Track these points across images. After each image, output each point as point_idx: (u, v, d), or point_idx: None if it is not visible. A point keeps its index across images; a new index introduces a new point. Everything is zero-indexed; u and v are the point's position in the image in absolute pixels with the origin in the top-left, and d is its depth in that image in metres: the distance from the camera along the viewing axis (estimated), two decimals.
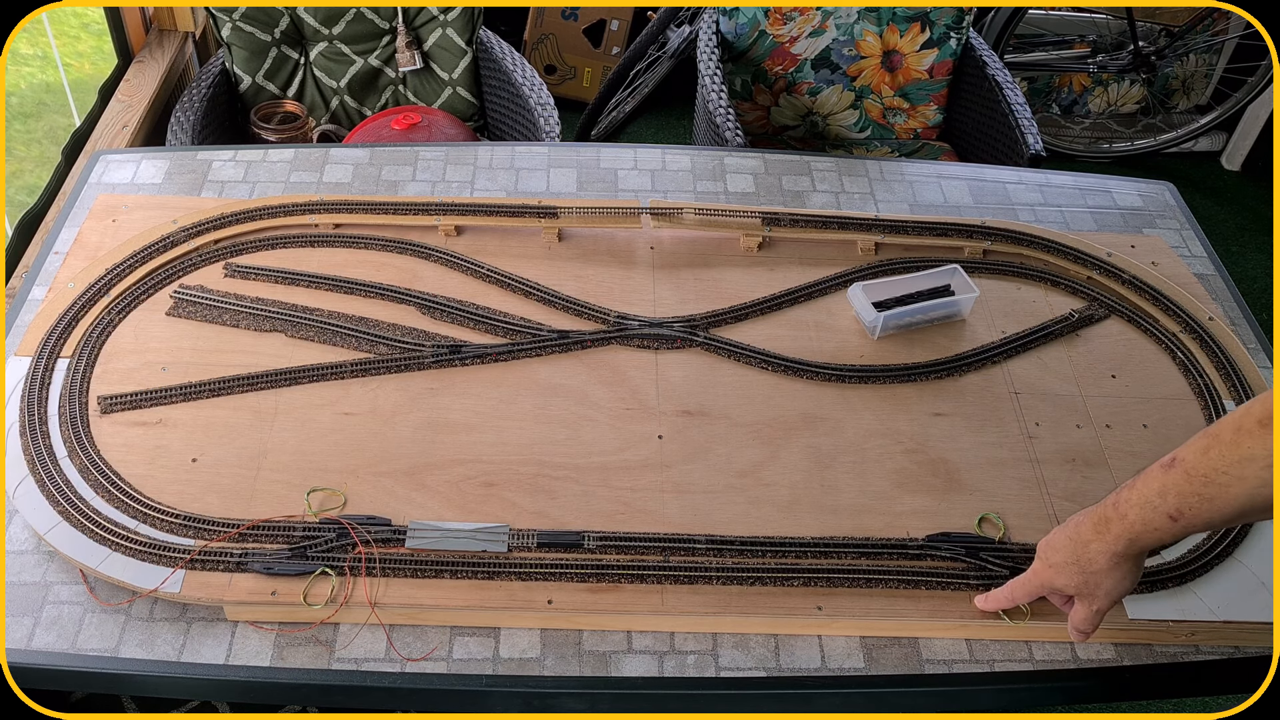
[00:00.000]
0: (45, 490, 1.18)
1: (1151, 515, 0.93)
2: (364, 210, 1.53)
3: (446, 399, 1.32)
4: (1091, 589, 1.01)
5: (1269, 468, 0.84)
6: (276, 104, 2.18)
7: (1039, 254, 1.56)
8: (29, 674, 1.07)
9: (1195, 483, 0.90)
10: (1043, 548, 1.05)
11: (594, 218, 1.54)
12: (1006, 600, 1.11)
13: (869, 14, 2.26)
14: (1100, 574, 1.00)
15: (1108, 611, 1.04)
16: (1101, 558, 0.99)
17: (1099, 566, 0.99)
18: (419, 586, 1.12)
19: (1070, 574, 1.02)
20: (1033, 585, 1.07)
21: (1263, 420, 0.85)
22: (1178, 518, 0.92)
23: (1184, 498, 0.91)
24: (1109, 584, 1.01)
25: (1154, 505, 0.93)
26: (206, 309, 1.41)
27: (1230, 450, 0.87)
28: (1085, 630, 1.06)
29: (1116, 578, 1.00)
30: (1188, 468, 0.90)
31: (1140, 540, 0.96)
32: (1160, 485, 0.92)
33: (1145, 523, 0.94)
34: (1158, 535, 0.94)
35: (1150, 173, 3.06)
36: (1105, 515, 0.98)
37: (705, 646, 1.12)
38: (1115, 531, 0.97)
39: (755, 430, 1.31)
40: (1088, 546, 0.99)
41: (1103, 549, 0.98)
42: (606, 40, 3.11)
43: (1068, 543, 1.01)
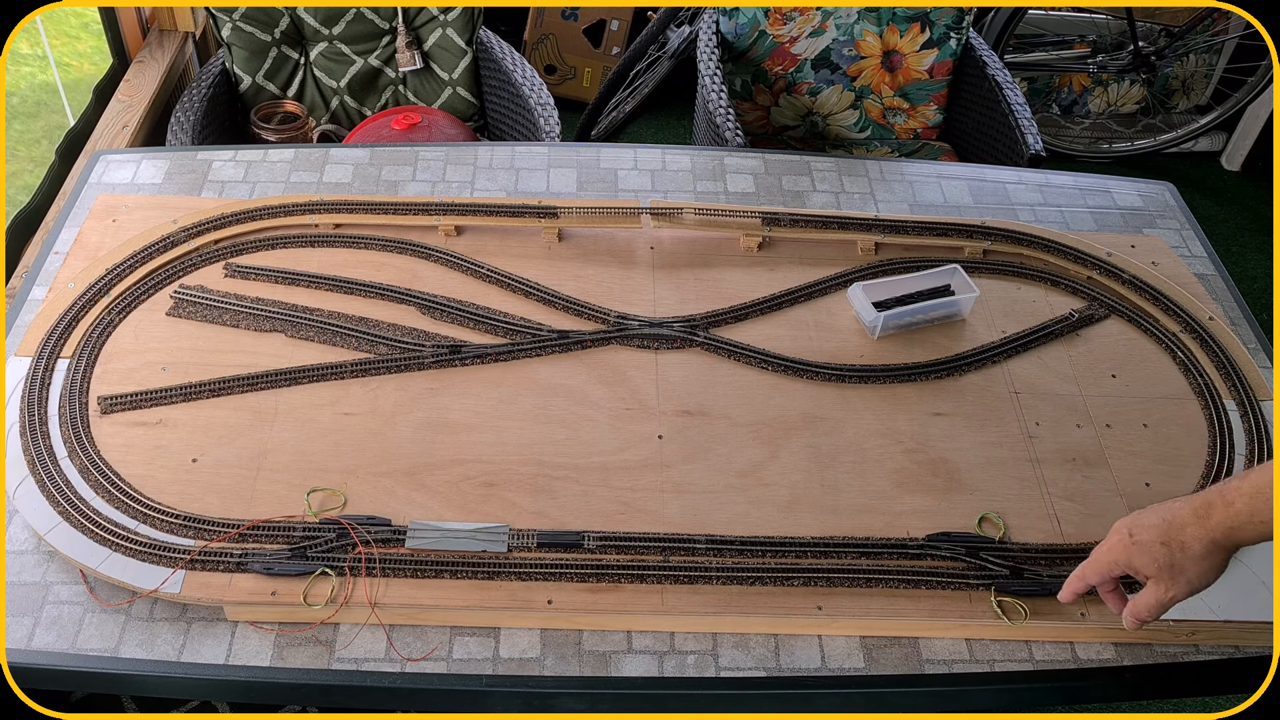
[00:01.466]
0: (45, 490, 1.18)
1: (1261, 506, 0.91)
2: (364, 210, 1.53)
3: (446, 399, 1.32)
4: (1175, 574, 0.97)
5: None
6: (276, 104, 2.18)
7: (1039, 254, 1.56)
8: (29, 674, 1.07)
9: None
10: (1127, 525, 1.00)
11: (594, 218, 1.54)
12: (1079, 582, 1.06)
13: (869, 14, 2.26)
14: (1190, 560, 0.96)
15: (1178, 603, 1.00)
16: (1197, 544, 0.95)
17: (1193, 552, 0.95)
18: (419, 586, 1.12)
19: (1156, 554, 0.97)
20: (1107, 561, 1.02)
21: None
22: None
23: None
24: (1194, 572, 0.97)
25: (1266, 496, 0.90)
26: (206, 309, 1.41)
27: None
28: (1146, 618, 1.01)
29: (1205, 567, 0.96)
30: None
31: (1241, 531, 0.93)
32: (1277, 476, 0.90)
33: (1253, 513, 0.91)
34: (1261, 529, 0.92)
35: (1150, 173, 3.06)
36: (1209, 501, 0.95)
37: (705, 646, 1.12)
38: (1217, 518, 0.94)
39: (755, 430, 1.31)
40: (1184, 530, 0.95)
41: (1200, 534, 0.95)
42: (606, 40, 3.11)
43: (1160, 523, 0.97)
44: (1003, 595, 1.14)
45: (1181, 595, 0.98)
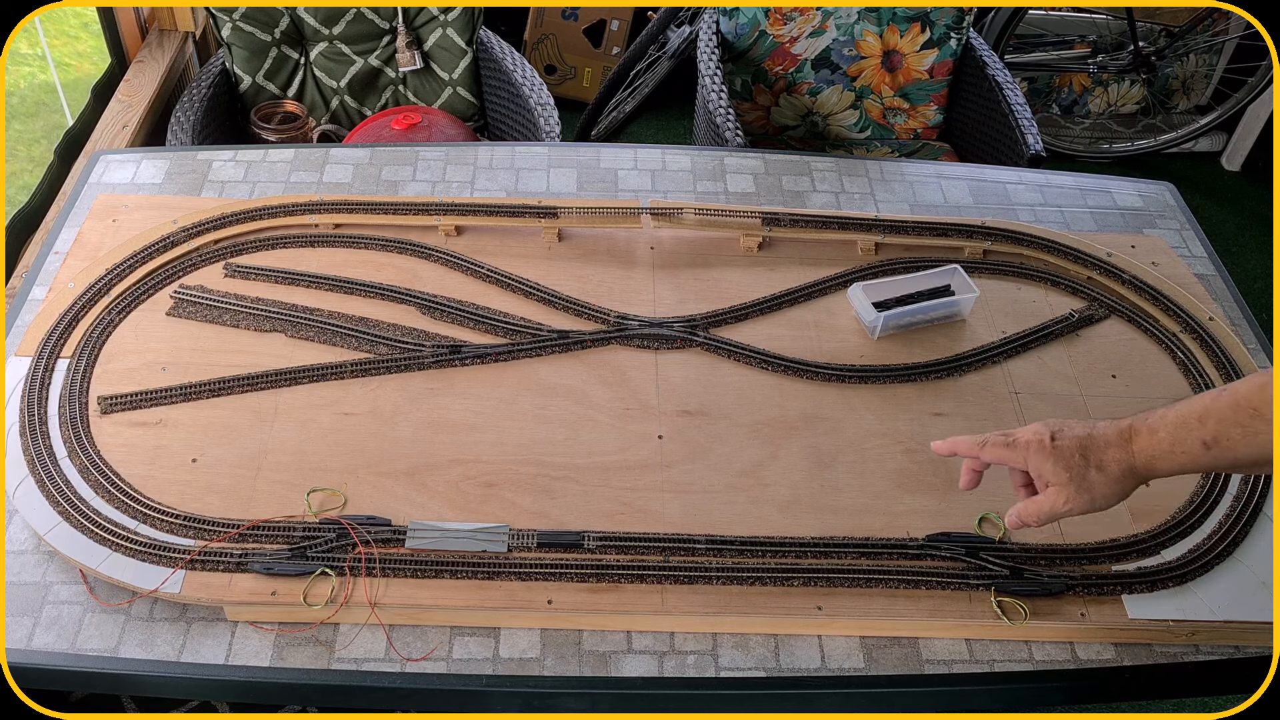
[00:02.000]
0: (45, 490, 1.18)
1: (1185, 437, 0.90)
2: (364, 210, 1.53)
3: (446, 399, 1.32)
4: (1082, 488, 0.95)
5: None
6: (276, 104, 2.18)
7: (1039, 254, 1.56)
8: (29, 674, 1.07)
9: (1242, 413, 0.86)
10: (1049, 428, 0.98)
11: (594, 218, 1.54)
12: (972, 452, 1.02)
13: (869, 14, 2.26)
14: (1103, 480, 0.95)
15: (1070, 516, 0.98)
16: (1115, 465, 0.94)
17: (1109, 473, 0.94)
18: (419, 586, 1.12)
19: (1069, 463, 0.95)
20: (1014, 453, 0.99)
21: None
22: (1212, 445, 0.88)
23: (1225, 425, 0.87)
24: (1101, 492, 0.95)
25: (1191, 428, 0.89)
26: (206, 309, 1.41)
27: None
28: (1034, 523, 0.99)
29: (1113, 491, 0.95)
30: (1239, 397, 0.87)
31: (1162, 461, 0.92)
32: (1203, 409, 0.89)
33: (1175, 443, 0.90)
34: (1183, 460, 0.91)
35: (1150, 173, 3.06)
36: (1135, 427, 0.94)
37: (705, 646, 1.12)
38: (1139, 445, 0.93)
39: (755, 430, 1.31)
40: (1106, 449, 0.94)
41: (1121, 457, 0.94)
42: (606, 40, 3.11)
43: (1084, 435, 0.96)
44: (1003, 595, 1.14)
45: (1077, 511, 0.96)
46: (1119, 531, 1.22)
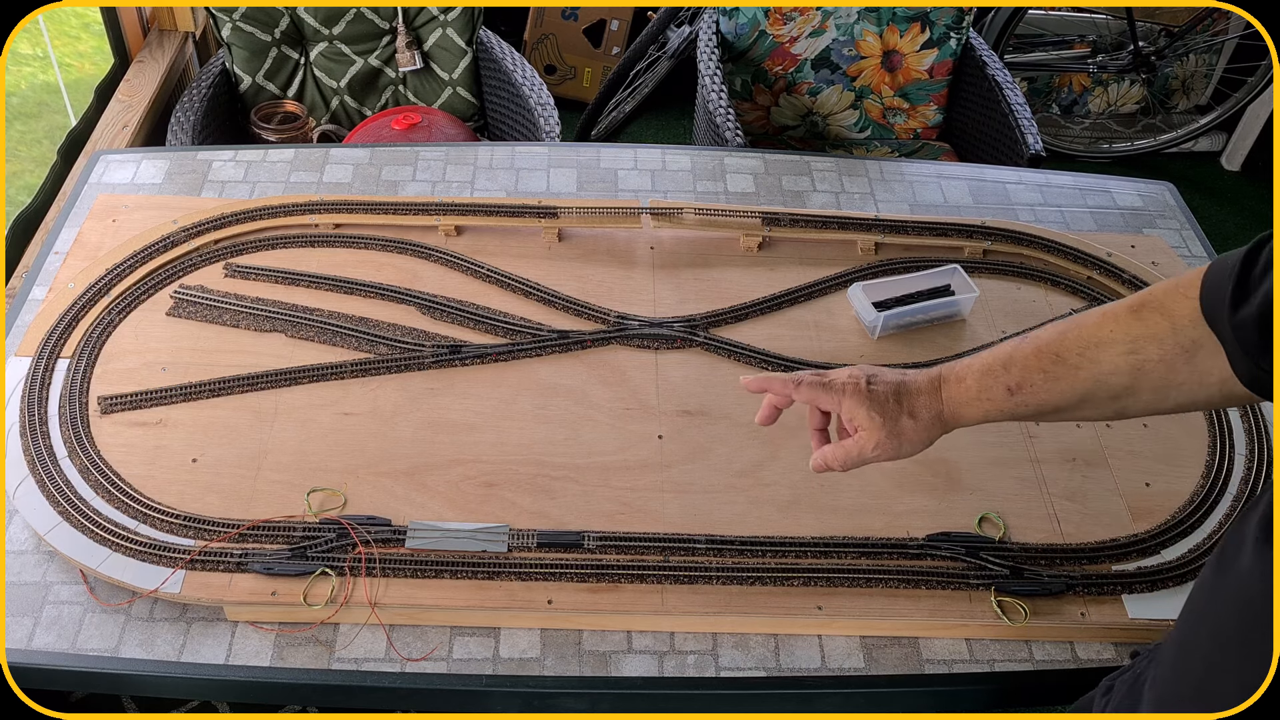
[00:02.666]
0: (45, 490, 1.18)
1: (990, 384, 0.91)
2: (364, 210, 1.53)
3: (446, 399, 1.32)
4: (891, 434, 0.94)
5: (1125, 355, 0.83)
6: (276, 104, 2.18)
7: (1039, 254, 1.56)
8: (29, 674, 1.07)
9: (1045, 359, 0.87)
10: (865, 373, 0.97)
11: (594, 218, 1.54)
12: (783, 390, 1.00)
13: (869, 14, 2.26)
14: (913, 427, 0.94)
15: (876, 461, 0.97)
16: (925, 412, 0.94)
17: (920, 419, 0.94)
18: (419, 586, 1.12)
19: (884, 409, 0.94)
20: (829, 394, 0.97)
21: (1133, 308, 0.84)
22: (1016, 391, 0.89)
23: (1028, 371, 0.88)
24: (910, 438, 0.95)
25: (996, 374, 0.90)
26: (206, 309, 1.41)
27: (1091, 332, 0.85)
28: (839, 467, 0.97)
29: (922, 438, 0.95)
30: (1040, 343, 0.88)
31: (968, 409, 0.92)
32: (1007, 356, 0.90)
33: (981, 390, 0.91)
34: (988, 407, 0.91)
35: (1150, 173, 3.06)
36: (944, 375, 0.94)
37: (705, 646, 1.12)
38: (949, 392, 0.93)
39: (755, 430, 1.31)
40: (916, 396, 0.94)
41: (929, 404, 0.94)
42: (606, 40, 3.11)
43: (898, 383, 0.95)
44: (1003, 595, 1.14)
45: (885, 456, 0.96)
46: (1119, 531, 1.22)
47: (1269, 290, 0.71)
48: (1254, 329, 0.74)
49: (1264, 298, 0.72)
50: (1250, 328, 0.74)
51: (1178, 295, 0.81)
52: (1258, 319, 0.73)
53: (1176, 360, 0.82)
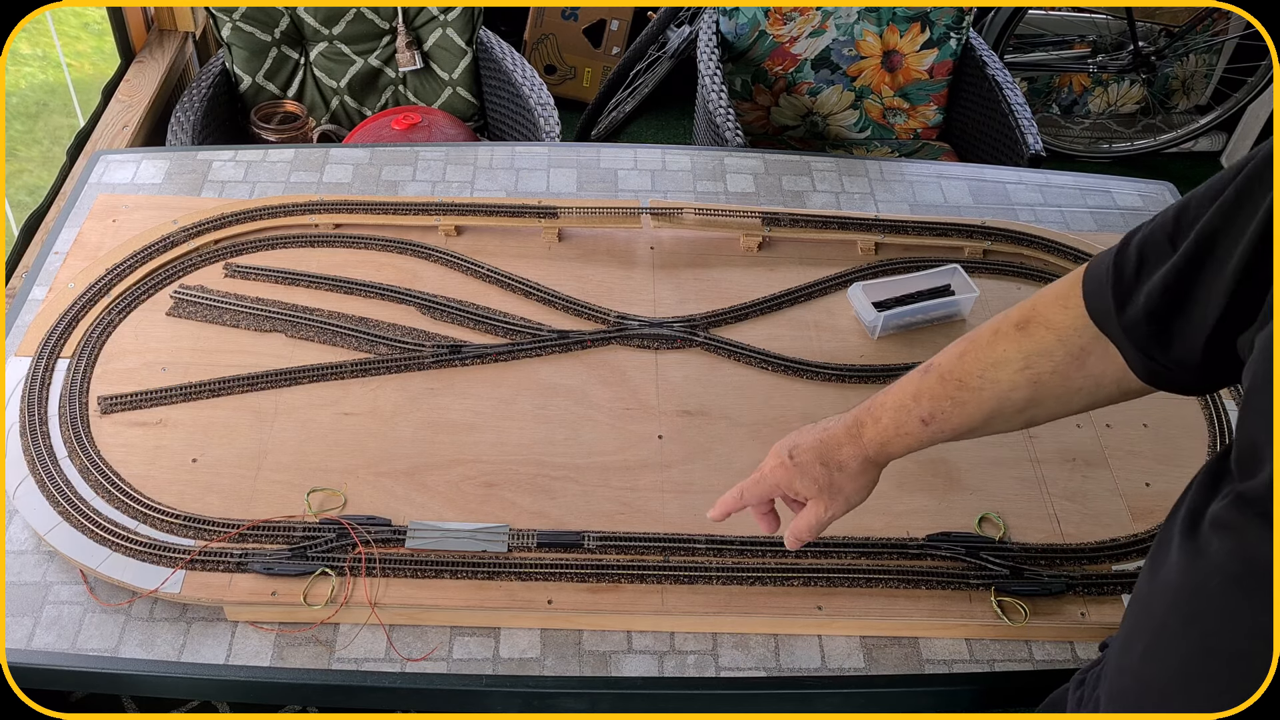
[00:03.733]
0: (45, 490, 1.18)
1: (905, 419, 0.93)
2: (364, 210, 1.53)
3: (446, 399, 1.32)
4: (834, 493, 0.98)
5: (1021, 371, 0.86)
6: (276, 104, 2.18)
7: (1039, 254, 1.56)
8: (29, 674, 1.07)
9: (949, 386, 0.90)
10: (786, 447, 1.00)
11: (594, 218, 1.54)
12: (735, 501, 1.03)
13: (869, 14, 2.26)
14: (847, 478, 0.97)
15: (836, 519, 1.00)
16: (853, 461, 0.96)
17: (849, 470, 0.96)
18: (419, 586, 1.12)
19: (816, 475, 0.97)
20: (768, 485, 1.00)
21: (1019, 324, 0.86)
22: (929, 421, 0.92)
23: (937, 401, 0.91)
24: (851, 489, 0.98)
25: (908, 409, 0.93)
26: (206, 309, 1.41)
27: (986, 353, 0.88)
28: (807, 537, 1.01)
29: (861, 484, 0.98)
30: (942, 371, 0.91)
31: (892, 445, 0.95)
32: (915, 389, 0.92)
33: (898, 426, 0.93)
34: (908, 440, 0.94)
35: (1150, 173, 3.06)
36: (859, 419, 0.96)
37: (705, 646, 1.12)
38: (869, 435, 0.96)
39: (755, 430, 1.31)
40: (840, 449, 0.97)
41: (855, 453, 0.96)
42: (606, 40, 3.11)
43: (817, 444, 0.98)
44: (1003, 595, 1.14)
45: (839, 513, 0.99)
46: (1119, 531, 1.22)
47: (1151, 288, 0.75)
48: (1144, 326, 0.77)
49: (1147, 295, 0.76)
50: (1140, 325, 0.77)
51: (1058, 308, 0.85)
52: (1146, 317, 0.76)
53: (1069, 369, 0.85)
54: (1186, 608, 0.68)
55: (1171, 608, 0.70)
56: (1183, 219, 0.74)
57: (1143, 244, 0.78)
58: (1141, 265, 0.77)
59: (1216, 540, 0.66)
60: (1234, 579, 0.64)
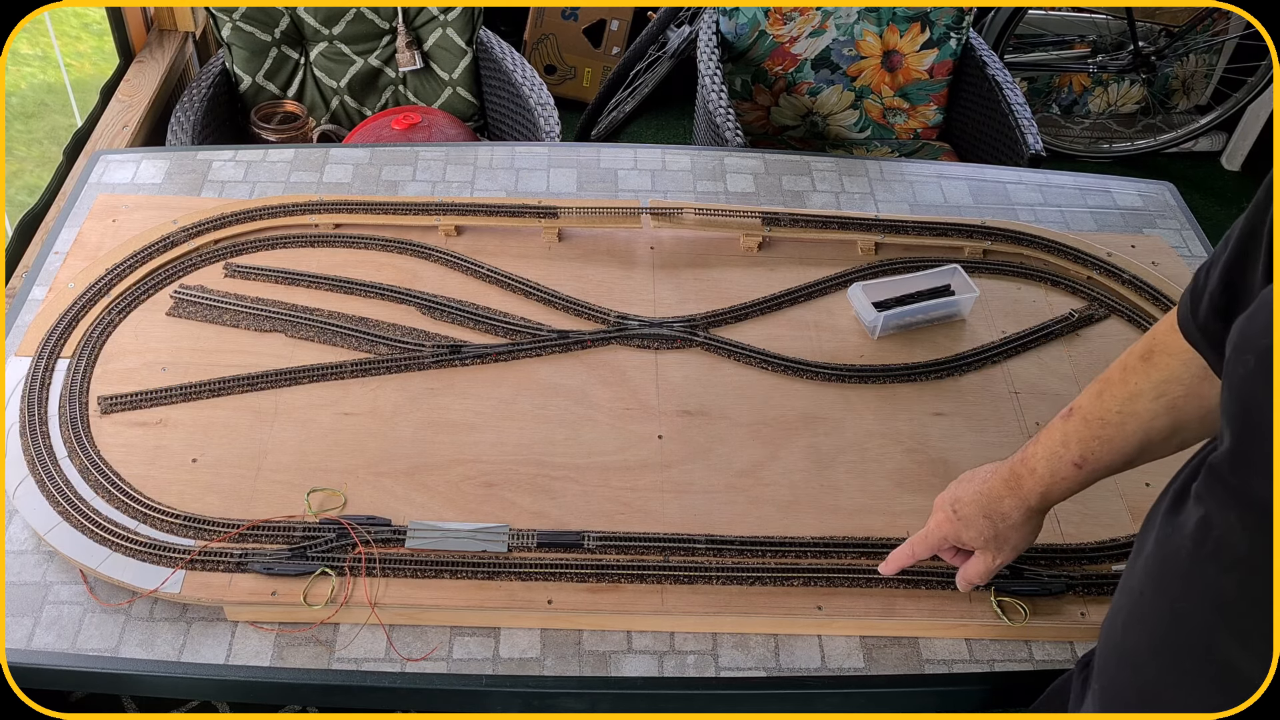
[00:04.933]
0: (45, 490, 1.18)
1: (1058, 466, 0.96)
2: (364, 210, 1.53)
3: (446, 399, 1.32)
4: (1000, 543, 1.03)
5: (1156, 400, 0.88)
6: (276, 104, 2.18)
7: (1039, 254, 1.56)
8: (29, 674, 1.07)
9: (1093, 426, 0.92)
10: (949, 502, 1.05)
11: (594, 218, 1.54)
12: (908, 558, 1.10)
13: (869, 14, 2.26)
14: (1012, 528, 1.02)
15: (1006, 564, 1.06)
16: (1016, 512, 1.00)
17: (1013, 521, 1.01)
18: (419, 586, 1.12)
19: (981, 528, 1.02)
20: (937, 539, 1.07)
21: (1144, 356, 0.89)
22: (1082, 464, 0.94)
23: (1085, 443, 0.93)
24: (1017, 538, 1.03)
25: (1059, 455, 0.95)
26: (206, 309, 1.41)
27: (1120, 389, 0.90)
28: (979, 582, 1.08)
29: (1026, 531, 1.02)
30: (1085, 414, 0.93)
31: (1052, 493, 0.98)
32: (1062, 435, 0.95)
33: (1054, 474, 0.96)
34: (1066, 485, 0.97)
35: (1150, 173, 3.06)
36: (1016, 471, 0.99)
37: (705, 646, 1.12)
38: (1028, 486, 0.98)
39: (755, 430, 1.31)
40: (1001, 502, 1.01)
41: (1016, 504, 1.00)
42: (606, 40, 3.11)
43: (979, 497, 1.02)
44: (1003, 595, 1.14)
45: (1008, 559, 1.05)
46: (1119, 531, 1.22)
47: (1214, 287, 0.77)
48: (1214, 324, 0.78)
49: (1210, 295, 0.77)
50: (1212, 323, 0.79)
51: (1174, 333, 0.86)
52: (1214, 313, 0.78)
53: (1201, 388, 0.87)
54: (1159, 577, 0.70)
55: (1147, 578, 0.73)
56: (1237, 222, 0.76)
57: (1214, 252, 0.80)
58: (1209, 270, 0.79)
59: (1193, 511, 0.68)
60: (1200, 548, 0.66)
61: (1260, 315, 0.62)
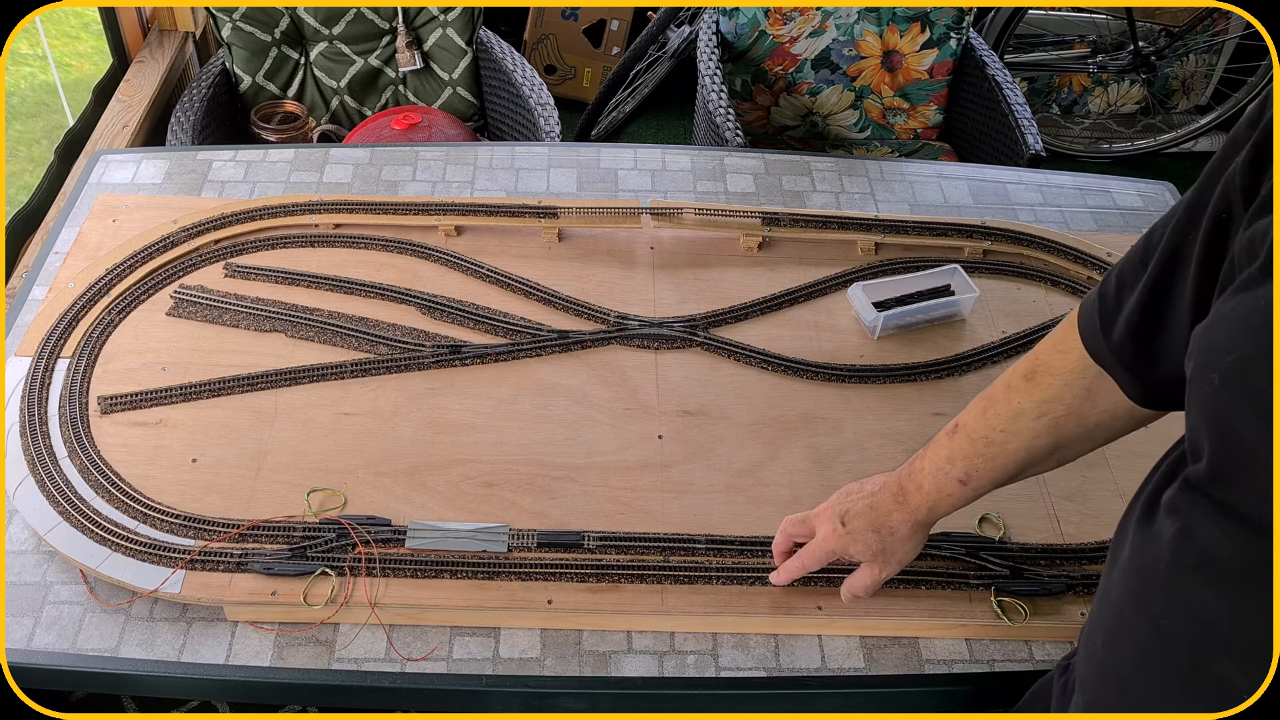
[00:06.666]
0: (45, 490, 1.18)
1: (944, 482, 0.97)
2: (364, 210, 1.53)
3: (446, 399, 1.32)
4: (887, 557, 1.04)
5: (1038, 419, 0.90)
6: (276, 104, 2.18)
7: (1039, 254, 1.56)
8: (29, 674, 1.07)
9: (978, 444, 0.94)
10: (837, 514, 1.05)
11: (594, 218, 1.54)
12: (799, 570, 1.10)
13: (869, 14, 2.26)
14: (899, 542, 1.03)
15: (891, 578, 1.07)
16: (904, 526, 1.02)
17: (901, 535, 1.02)
18: (419, 586, 1.12)
19: (868, 541, 1.03)
20: (824, 551, 1.07)
21: (1026, 375, 0.90)
22: (967, 480, 0.96)
23: (970, 460, 0.95)
24: (904, 551, 1.04)
25: (945, 472, 0.97)
26: (206, 309, 1.41)
27: (1004, 407, 0.92)
28: (864, 594, 1.08)
29: (912, 545, 1.04)
30: (969, 431, 0.95)
31: (939, 507, 0.99)
32: (948, 452, 0.96)
33: (939, 490, 0.98)
34: (952, 500, 0.98)
35: (1150, 173, 3.06)
36: (903, 486, 1.01)
37: (705, 646, 1.12)
38: (915, 501, 1.00)
39: (755, 430, 1.31)
40: (889, 516, 1.02)
41: (904, 518, 1.01)
42: (606, 40, 3.11)
43: (867, 511, 1.03)
44: (1003, 595, 1.14)
45: (893, 573, 1.06)
46: None
47: (1130, 310, 0.78)
48: (1130, 345, 0.80)
49: (1128, 312, 0.79)
50: (1127, 346, 0.80)
51: (1057, 354, 0.88)
52: (1130, 335, 0.79)
53: (1082, 409, 0.88)
54: (1139, 592, 0.70)
55: (1126, 592, 0.72)
56: (1151, 240, 0.78)
57: (1120, 271, 0.82)
58: (1121, 290, 0.81)
59: (1168, 523, 0.68)
60: (1179, 561, 0.65)
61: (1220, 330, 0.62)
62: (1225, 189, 0.68)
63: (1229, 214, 0.67)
